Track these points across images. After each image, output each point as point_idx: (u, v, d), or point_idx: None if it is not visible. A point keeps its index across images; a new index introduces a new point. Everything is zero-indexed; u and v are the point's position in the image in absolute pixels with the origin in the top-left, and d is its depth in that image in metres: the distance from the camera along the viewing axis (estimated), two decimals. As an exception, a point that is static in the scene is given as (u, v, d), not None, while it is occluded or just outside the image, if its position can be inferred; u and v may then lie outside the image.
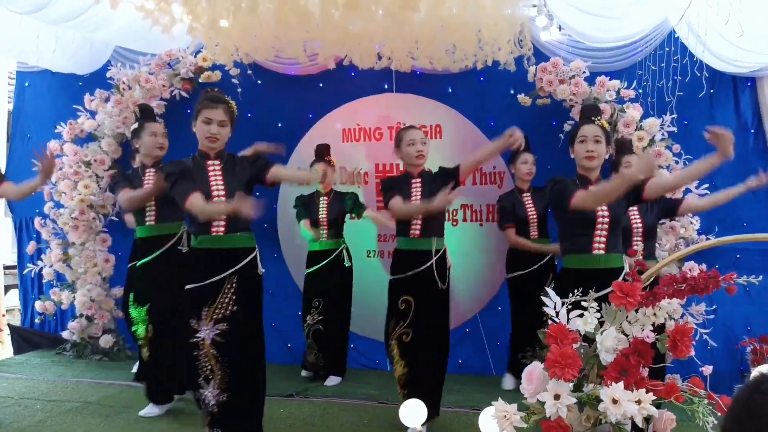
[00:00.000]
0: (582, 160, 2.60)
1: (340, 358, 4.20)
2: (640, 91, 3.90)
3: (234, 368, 2.59)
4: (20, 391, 3.81)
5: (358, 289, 4.24)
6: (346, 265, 4.13)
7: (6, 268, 5.27)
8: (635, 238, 3.38)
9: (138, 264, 3.43)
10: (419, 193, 3.14)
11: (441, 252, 3.13)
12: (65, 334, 4.74)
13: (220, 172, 2.68)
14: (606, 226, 2.54)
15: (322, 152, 4.14)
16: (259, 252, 2.74)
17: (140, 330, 3.40)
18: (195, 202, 2.56)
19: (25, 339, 5.00)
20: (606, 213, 2.55)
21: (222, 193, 2.65)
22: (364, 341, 4.47)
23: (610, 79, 3.91)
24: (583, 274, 2.43)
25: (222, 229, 2.62)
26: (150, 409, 3.40)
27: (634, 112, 3.86)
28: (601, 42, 3.88)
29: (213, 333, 2.57)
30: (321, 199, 4.15)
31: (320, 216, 4.09)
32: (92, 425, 3.25)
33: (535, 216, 3.89)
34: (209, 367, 2.57)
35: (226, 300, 2.59)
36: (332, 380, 4.11)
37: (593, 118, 2.65)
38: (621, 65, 3.96)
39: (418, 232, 3.12)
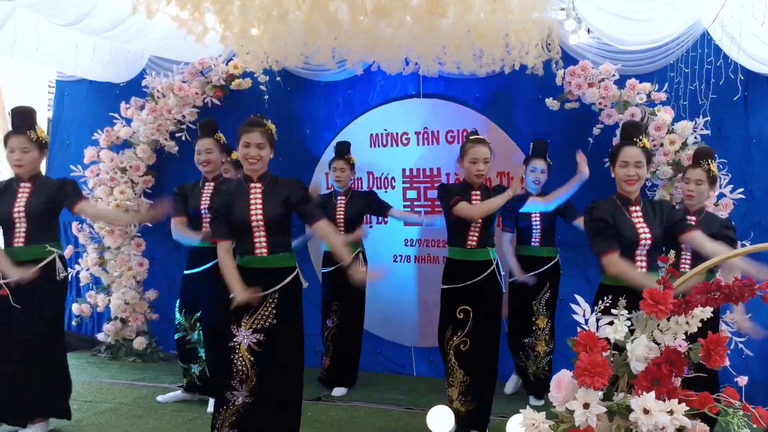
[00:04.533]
0: (623, 183, 2.64)
1: (352, 366, 4.10)
2: (672, 94, 3.82)
3: (267, 377, 2.67)
4: (58, 390, 3.93)
5: (385, 293, 4.25)
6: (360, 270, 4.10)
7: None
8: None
9: (186, 273, 3.62)
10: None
11: (497, 260, 3.21)
12: (100, 336, 4.87)
13: (260, 195, 2.75)
14: (647, 248, 2.59)
15: (342, 150, 4.12)
16: (299, 268, 2.83)
17: (196, 335, 3.62)
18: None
19: (62, 340, 5.15)
20: (648, 235, 2.60)
21: (260, 214, 2.73)
22: (391, 346, 4.48)
23: (640, 82, 3.85)
24: (625, 292, 2.31)
25: (264, 250, 2.72)
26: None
27: (665, 115, 3.79)
28: (630, 45, 3.81)
29: (250, 340, 2.66)
30: (339, 198, 4.07)
31: (337, 215, 4.00)
32: (126, 425, 3.34)
33: (539, 223, 3.80)
34: (245, 371, 2.65)
35: (266, 313, 2.68)
36: (338, 391, 3.99)
37: (635, 139, 2.64)
38: (652, 68, 3.89)
39: (474, 243, 3.17)
